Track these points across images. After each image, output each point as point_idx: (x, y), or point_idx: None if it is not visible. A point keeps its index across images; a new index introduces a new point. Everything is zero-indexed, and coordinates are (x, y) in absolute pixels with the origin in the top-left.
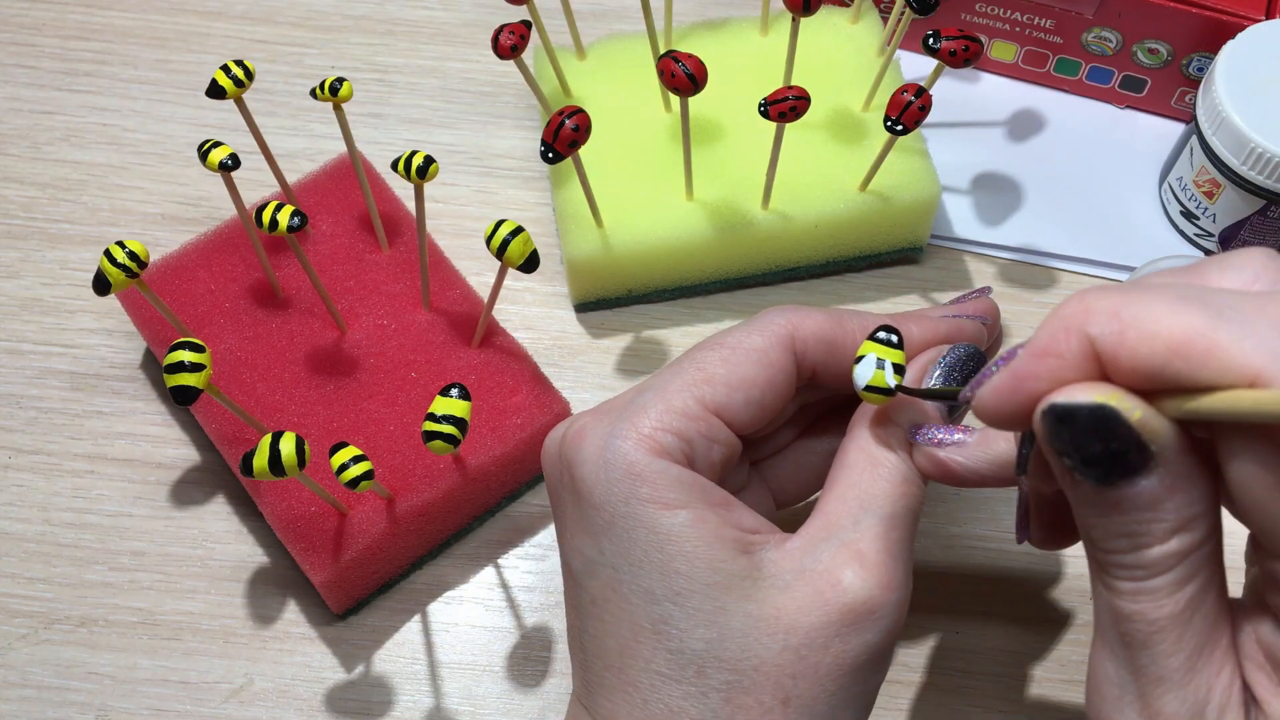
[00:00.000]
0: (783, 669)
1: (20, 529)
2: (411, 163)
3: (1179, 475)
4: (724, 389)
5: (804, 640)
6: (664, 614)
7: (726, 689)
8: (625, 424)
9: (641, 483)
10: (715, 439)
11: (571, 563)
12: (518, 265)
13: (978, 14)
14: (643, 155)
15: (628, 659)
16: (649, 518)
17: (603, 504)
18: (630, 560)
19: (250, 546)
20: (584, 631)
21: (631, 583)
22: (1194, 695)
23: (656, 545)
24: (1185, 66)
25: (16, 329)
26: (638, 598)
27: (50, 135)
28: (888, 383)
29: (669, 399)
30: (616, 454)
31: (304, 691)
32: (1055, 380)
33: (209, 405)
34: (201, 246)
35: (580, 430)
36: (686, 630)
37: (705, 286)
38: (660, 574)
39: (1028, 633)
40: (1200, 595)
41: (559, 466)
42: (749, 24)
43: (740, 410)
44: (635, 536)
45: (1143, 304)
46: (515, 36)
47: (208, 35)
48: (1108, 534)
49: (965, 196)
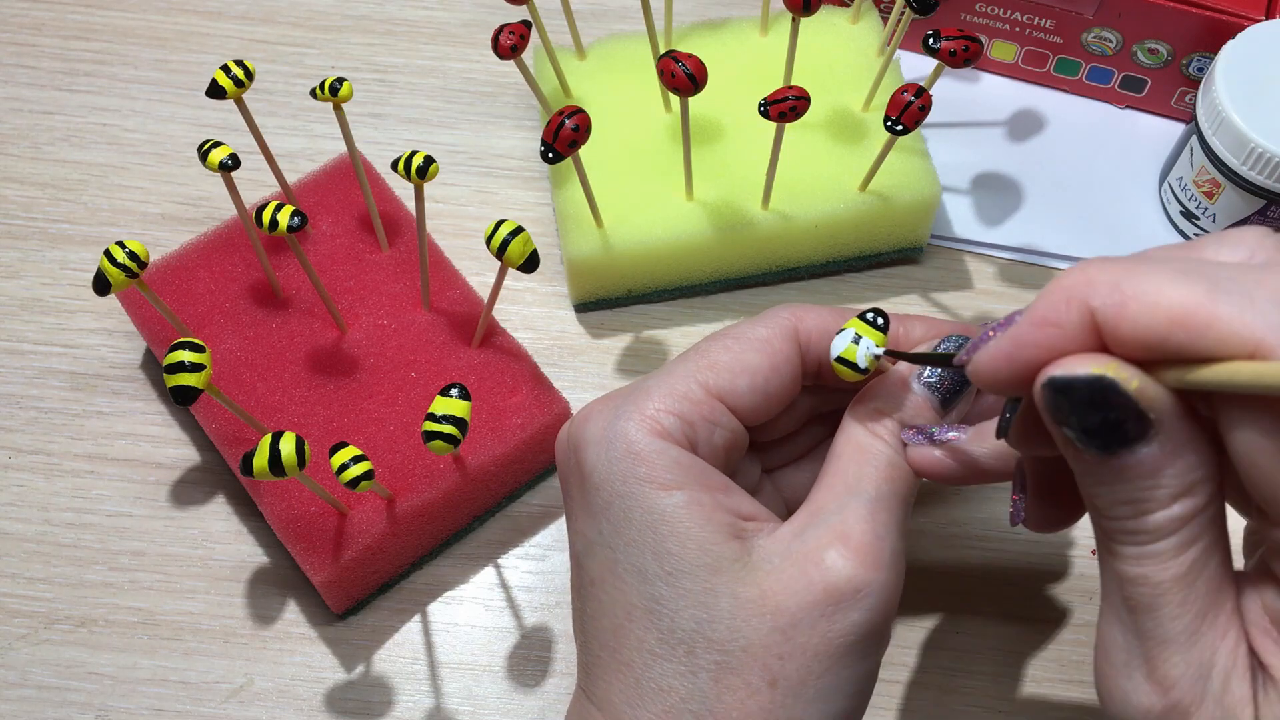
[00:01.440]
0: (770, 650)
1: (20, 529)
2: (411, 163)
3: (1178, 442)
4: (727, 374)
5: (790, 621)
6: (656, 593)
7: (715, 669)
8: (629, 405)
9: (639, 462)
10: (717, 422)
11: (574, 544)
12: (518, 265)
13: (978, 14)
14: (643, 155)
15: (621, 638)
16: (644, 497)
17: (602, 483)
18: (625, 540)
19: (250, 546)
20: (583, 613)
21: (626, 562)
22: (1199, 658)
23: (650, 525)
24: (1185, 66)
25: (16, 329)
26: (631, 577)
27: (50, 135)
28: (858, 359)
29: (673, 383)
30: (618, 434)
31: (304, 691)
32: (1053, 350)
33: (209, 405)
34: (201, 246)
35: (587, 413)
36: (677, 610)
37: (705, 286)
38: (654, 554)
39: (1027, 632)
40: (1203, 559)
41: (568, 451)
42: (749, 24)
43: (744, 396)
44: (631, 516)
45: (1145, 276)
46: (515, 36)
47: (208, 35)
48: (1111, 501)
49: (965, 196)
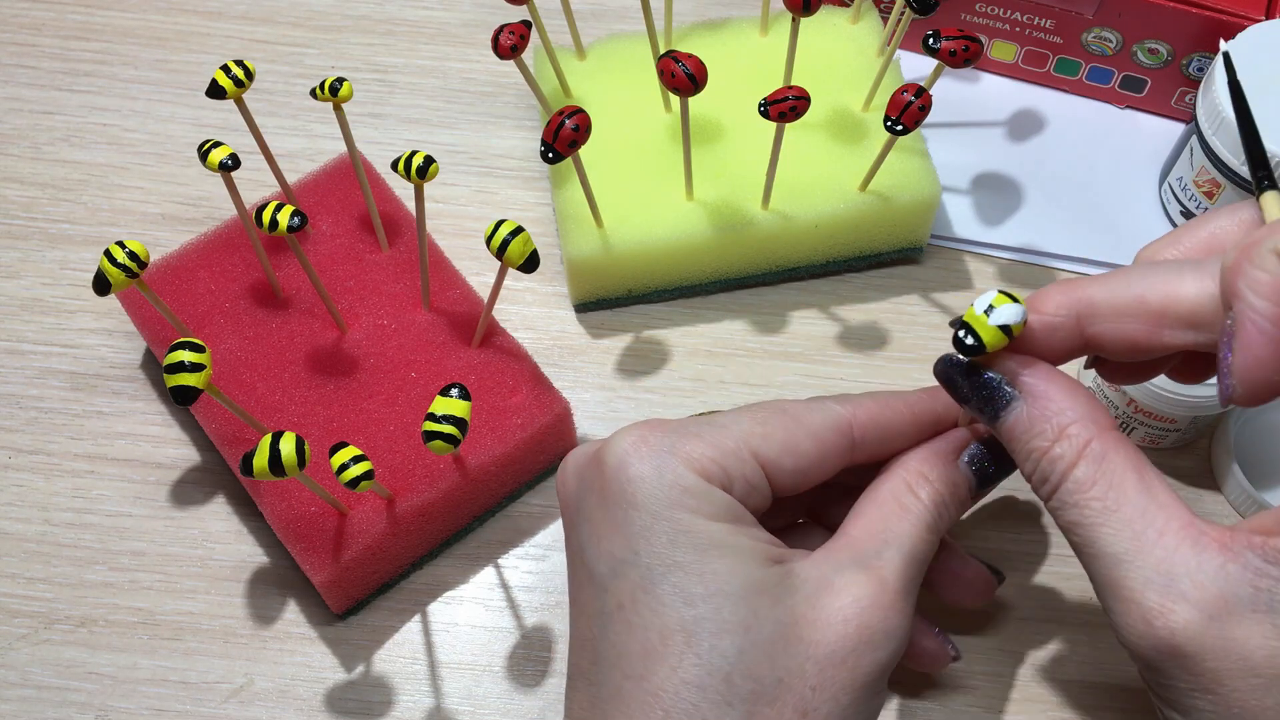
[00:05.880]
0: (805, 680)
1: (20, 529)
2: (411, 163)
3: (1041, 398)
4: (777, 449)
5: (826, 653)
6: (698, 615)
7: (751, 699)
8: (683, 442)
9: (688, 494)
10: (754, 486)
11: (596, 567)
12: (518, 265)
13: (978, 14)
14: (643, 155)
15: (653, 664)
16: (691, 522)
17: (645, 504)
18: (667, 561)
19: (250, 546)
20: (602, 640)
21: (666, 583)
22: (1157, 568)
23: (697, 548)
24: (1185, 66)
25: (16, 329)
26: (672, 599)
27: (50, 135)
28: (1011, 320)
29: (724, 438)
30: (668, 464)
31: (304, 691)
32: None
33: (209, 405)
34: (201, 246)
35: (638, 438)
36: (718, 635)
37: (705, 286)
38: (698, 576)
39: (1027, 632)
40: (1117, 487)
41: (589, 470)
42: (749, 24)
43: (786, 475)
44: (676, 539)
45: None
46: (515, 36)
47: (208, 35)
48: (1020, 460)
49: (965, 196)
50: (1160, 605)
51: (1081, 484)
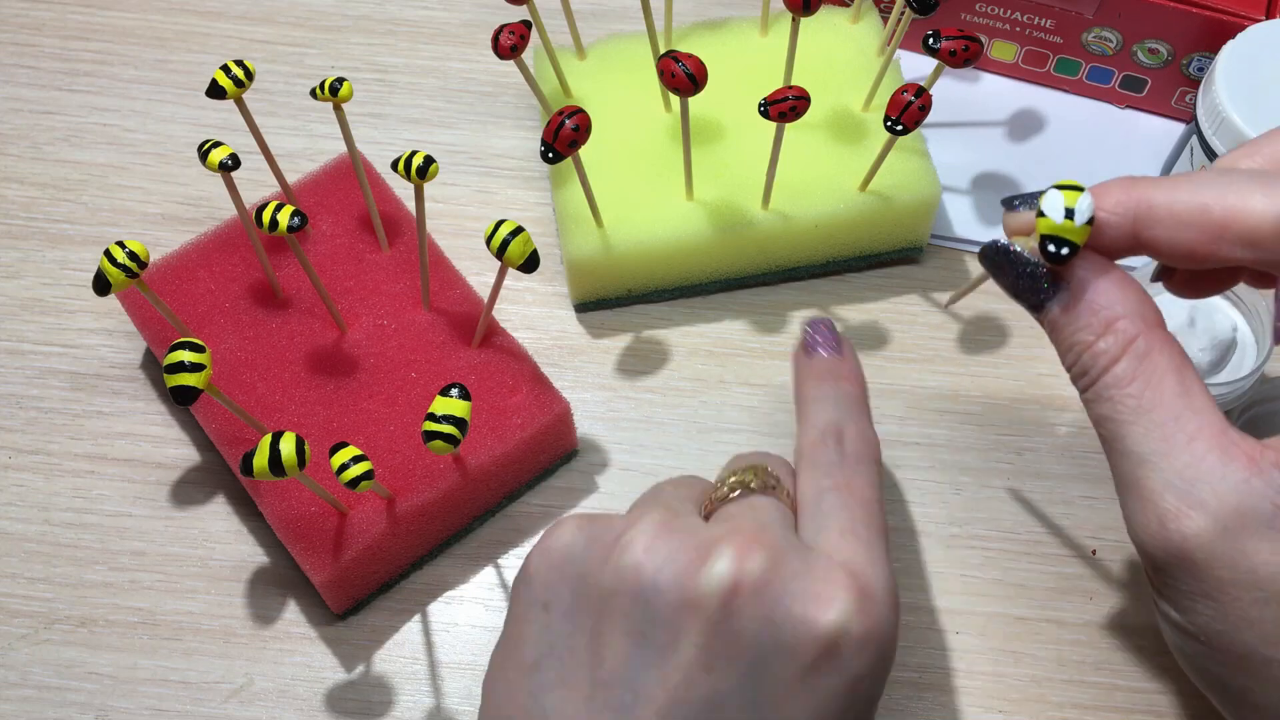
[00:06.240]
0: None
1: (20, 529)
2: (411, 163)
3: (1088, 291)
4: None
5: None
6: None
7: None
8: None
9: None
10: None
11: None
12: (518, 265)
13: (978, 14)
14: (643, 155)
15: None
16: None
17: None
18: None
19: (250, 546)
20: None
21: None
22: (1179, 472)
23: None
24: (1185, 66)
25: (16, 329)
26: None
27: (50, 135)
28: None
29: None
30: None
31: (304, 691)
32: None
33: (209, 405)
34: (201, 246)
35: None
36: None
37: (705, 286)
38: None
39: (1027, 632)
40: (1155, 388)
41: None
42: (749, 24)
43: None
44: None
45: None
46: (515, 36)
47: (208, 35)
48: (1060, 352)
49: (965, 196)
50: (1176, 509)
51: (1120, 379)
